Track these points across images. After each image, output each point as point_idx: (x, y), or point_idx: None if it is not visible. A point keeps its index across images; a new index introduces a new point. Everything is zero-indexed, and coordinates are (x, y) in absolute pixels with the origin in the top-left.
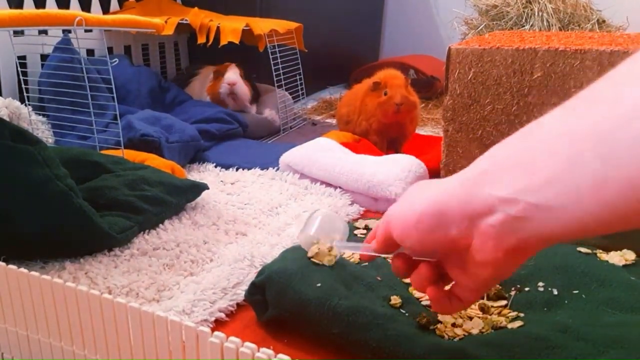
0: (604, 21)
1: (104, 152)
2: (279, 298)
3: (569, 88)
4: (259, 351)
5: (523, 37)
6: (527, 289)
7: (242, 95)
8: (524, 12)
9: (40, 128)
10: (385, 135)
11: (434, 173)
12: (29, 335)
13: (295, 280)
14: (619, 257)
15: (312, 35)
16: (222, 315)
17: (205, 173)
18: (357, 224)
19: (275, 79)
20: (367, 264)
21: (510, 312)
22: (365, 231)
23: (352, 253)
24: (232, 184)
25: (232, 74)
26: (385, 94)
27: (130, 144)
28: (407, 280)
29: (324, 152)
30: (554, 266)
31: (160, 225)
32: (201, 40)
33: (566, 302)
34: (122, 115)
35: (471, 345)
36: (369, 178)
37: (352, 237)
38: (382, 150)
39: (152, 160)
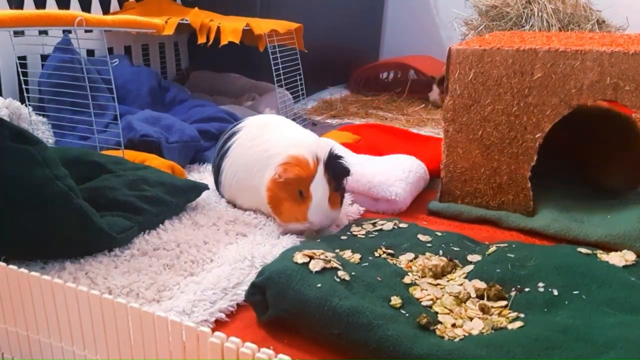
0: (603, 21)
1: (104, 152)
2: (279, 298)
3: (570, 89)
4: (259, 351)
5: (523, 37)
6: (527, 289)
7: None
8: (523, 12)
9: (41, 128)
10: None
11: (435, 173)
12: (29, 335)
13: (295, 280)
14: (619, 258)
15: (312, 36)
16: (223, 315)
17: (205, 173)
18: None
19: (275, 79)
20: (367, 264)
21: (510, 313)
22: (365, 232)
23: (352, 253)
24: None
25: None
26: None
27: (130, 145)
28: (407, 281)
29: None
30: (554, 267)
31: (161, 225)
32: (201, 40)
33: (566, 302)
34: (122, 116)
35: (471, 345)
36: (370, 179)
37: (352, 238)
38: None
39: (152, 160)
